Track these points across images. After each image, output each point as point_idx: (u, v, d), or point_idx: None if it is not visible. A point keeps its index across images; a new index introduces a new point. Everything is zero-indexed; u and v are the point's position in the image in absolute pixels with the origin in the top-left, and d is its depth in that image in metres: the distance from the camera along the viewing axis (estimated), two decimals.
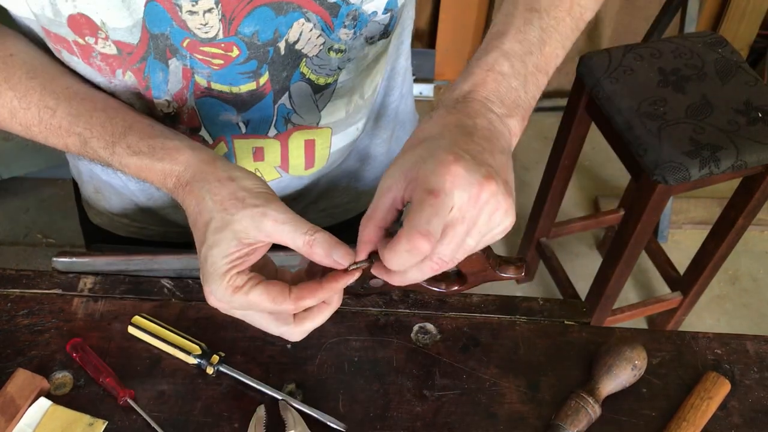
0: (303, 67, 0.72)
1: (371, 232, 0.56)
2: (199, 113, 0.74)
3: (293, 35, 0.68)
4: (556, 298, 0.84)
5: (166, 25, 0.65)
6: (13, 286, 0.80)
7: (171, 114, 0.73)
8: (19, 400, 0.69)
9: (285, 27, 0.67)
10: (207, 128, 0.76)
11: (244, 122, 0.76)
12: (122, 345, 0.76)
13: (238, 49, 0.67)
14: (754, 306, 2.09)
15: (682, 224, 2.24)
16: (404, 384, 0.75)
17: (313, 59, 0.72)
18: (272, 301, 0.58)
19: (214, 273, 0.58)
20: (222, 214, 0.58)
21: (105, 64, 0.68)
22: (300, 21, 0.67)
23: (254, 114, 0.75)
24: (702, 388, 0.75)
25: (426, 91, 2.49)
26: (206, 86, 0.71)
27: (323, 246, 0.56)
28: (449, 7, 2.39)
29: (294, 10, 0.66)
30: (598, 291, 1.73)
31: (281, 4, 0.65)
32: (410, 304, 0.81)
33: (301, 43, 0.69)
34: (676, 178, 1.37)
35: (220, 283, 0.58)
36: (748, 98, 1.48)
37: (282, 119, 0.77)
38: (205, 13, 0.63)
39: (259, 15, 0.65)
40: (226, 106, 0.74)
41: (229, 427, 0.71)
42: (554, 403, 0.74)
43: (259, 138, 0.78)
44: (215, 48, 0.67)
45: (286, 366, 0.75)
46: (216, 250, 0.57)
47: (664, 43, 1.59)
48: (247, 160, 0.81)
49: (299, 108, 0.77)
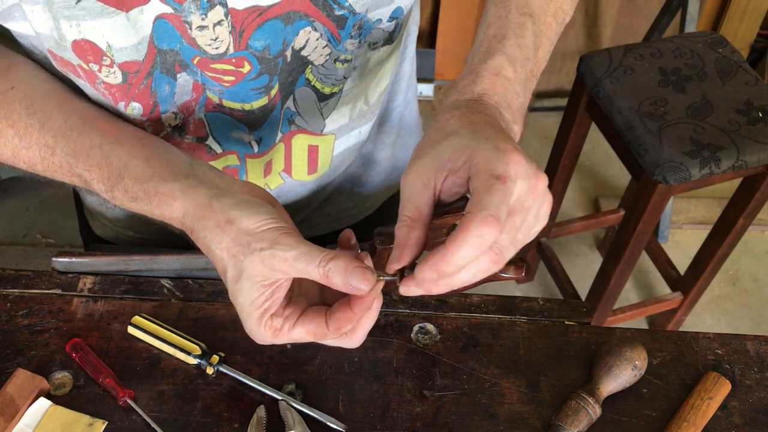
0: (308, 74, 0.72)
1: (420, 233, 0.53)
2: (208, 125, 0.74)
3: (299, 42, 0.68)
4: (557, 298, 0.84)
5: (175, 42, 0.64)
6: (12, 286, 0.80)
7: (178, 125, 0.72)
8: (19, 400, 0.68)
9: (292, 35, 0.66)
10: (216, 140, 0.76)
11: (256, 140, 0.76)
12: (122, 345, 0.76)
13: (250, 64, 0.66)
14: (755, 306, 2.09)
15: (682, 224, 2.24)
16: (404, 384, 0.75)
17: (319, 68, 0.71)
18: (313, 336, 0.57)
19: (249, 320, 0.57)
20: (233, 262, 0.56)
21: (109, 93, 0.67)
22: (307, 29, 0.66)
23: (265, 129, 0.74)
24: (702, 388, 0.75)
25: (426, 91, 2.49)
26: (218, 103, 0.71)
27: (340, 275, 0.54)
28: (449, 7, 2.39)
29: (301, 19, 0.65)
30: (599, 291, 1.72)
31: (289, 14, 0.64)
32: (410, 304, 0.81)
33: (307, 50, 0.69)
34: (677, 178, 1.37)
35: (259, 329, 0.57)
36: (748, 98, 1.48)
37: (286, 121, 0.77)
38: (215, 26, 0.62)
39: (269, 28, 0.64)
40: (238, 124, 0.73)
41: (229, 427, 0.71)
42: (554, 403, 0.74)
43: (269, 151, 0.78)
44: (226, 64, 0.66)
45: (286, 366, 0.75)
46: (242, 299, 0.56)
47: (665, 43, 1.59)
48: (258, 176, 0.81)
49: (304, 112, 0.76)
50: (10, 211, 2.14)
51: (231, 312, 0.79)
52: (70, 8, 0.58)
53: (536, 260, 2.02)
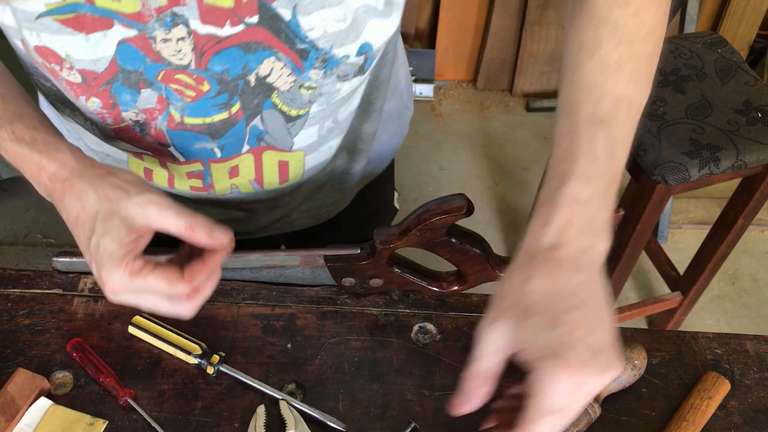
0: (275, 98, 0.73)
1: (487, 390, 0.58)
2: (169, 138, 0.75)
3: (264, 70, 0.69)
4: None
5: (140, 63, 0.65)
6: (13, 286, 0.80)
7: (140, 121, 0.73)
8: (20, 399, 0.69)
9: (255, 63, 0.68)
10: (180, 151, 0.77)
11: (219, 147, 0.77)
12: (122, 345, 0.76)
13: (209, 84, 0.68)
14: (754, 306, 2.10)
15: (682, 224, 2.24)
16: (404, 384, 0.75)
17: (285, 93, 0.73)
18: (168, 283, 0.61)
19: (110, 259, 0.60)
20: (108, 205, 0.60)
21: (70, 88, 0.68)
22: (270, 59, 0.68)
23: (228, 139, 0.76)
24: (702, 387, 0.75)
25: (426, 91, 2.49)
26: (179, 120, 0.72)
27: (204, 228, 0.61)
28: (449, 7, 2.39)
29: (264, 49, 0.67)
30: None
31: (250, 44, 0.66)
32: (410, 304, 0.82)
33: (272, 78, 0.70)
34: (676, 178, 1.37)
35: (119, 268, 0.60)
36: (747, 98, 1.48)
37: (254, 138, 0.77)
38: (178, 40, 0.64)
39: (228, 54, 0.66)
40: (200, 136, 0.74)
41: (229, 427, 0.71)
42: None
43: (234, 158, 0.79)
44: (188, 77, 0.67)
45: (286, 366, 0.75)
46: (108, 238, 0.60)
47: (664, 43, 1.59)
48: (223, 179, 0.82)
49: (272, 131, 0.77)
50: (11, 211, 2.14)
51: (231, 312, 0.79)
52: (29, 21, 0.60)
53: None
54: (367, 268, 0.78)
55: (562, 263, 0.56)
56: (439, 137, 2.44)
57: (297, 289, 0.82)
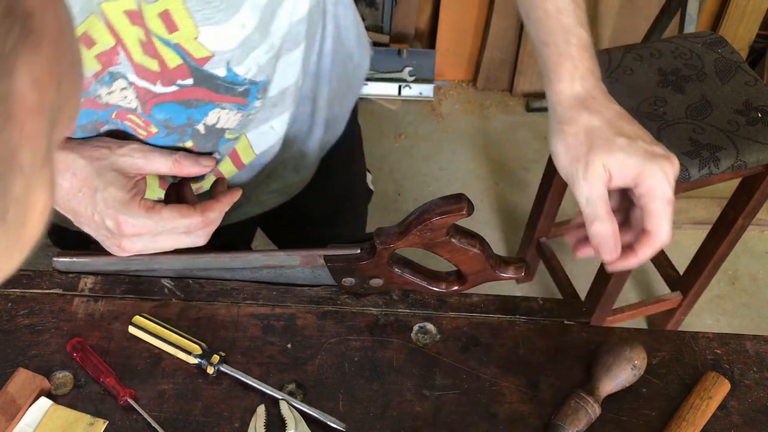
0: (227, 135, 0.74)
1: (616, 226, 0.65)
2: None
3: (211, 119, 0.70)
4: (556, 298, 0.84)
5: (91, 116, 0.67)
6: (13, 285, 0.80)
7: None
8: (20, 399, 0.69)
9: (199, 115, 0.69)
10: None
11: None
12: (122, 345, 0.76)
13: (156, 128, 0.69)
14: (754, 306, 2.09)
15: (682, 224, 2.24)
16: (404, 384, 0.75)
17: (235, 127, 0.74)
18: (183, 215, 0.64)
19: (123, 204, 0.62)
20: (97, 163, 0.63)
21: None
22: (215, 110, 0.69)
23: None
24: (702, 387, 0.75)
25: (426, 91, 2.49)
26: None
27: (189, 158, 0.66)
28: (449, 7, 2.39)
29: (206, 104, 0.67)
30: (598, 291, 1.72)
31: (190, 101, 0.66)
32: (410, 304, 0.82)
33: (221, 124, 0.71)
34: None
35: (134, 208, 0.62)
36: (747, 98, 1.48)
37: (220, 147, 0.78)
38: (122, 89, 0.65)
39: (167, 107, 0.67)
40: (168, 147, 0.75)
41: (229, 427, 0.71)
42: (554, 402, 0.74)
43: None
44: (138, 119, 0.68)
45: (286, 366, 0.75)
46: (112, 188, 0.63)
47: (664, 44, 1.59)
48: None
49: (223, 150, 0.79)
50: None
51: (231, 312, 0.79)
52: None
53: (536, 260, 2.02)
54: (367, 268, 0.78)
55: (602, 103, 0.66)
56: (439, 137, 2.44)
57: (297, 289, 0.82)
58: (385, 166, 2.34)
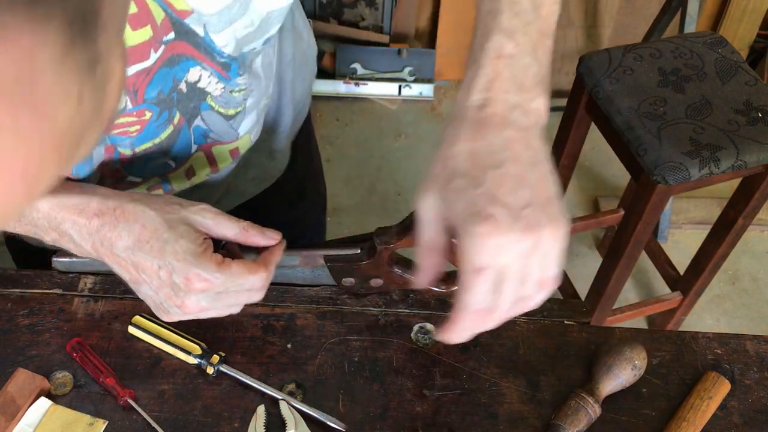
0: (210, 101, 0.73)
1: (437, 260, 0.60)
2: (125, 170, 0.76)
3: (192, 76, 0.69)
4: (556, 298, 0.84)
5: None
6: (13, 286, 0.80)
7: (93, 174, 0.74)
8: (20, 399, 0.69)
9: (181, 72, 0.68)
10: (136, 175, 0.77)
11: (172, 159, 0.77)
12: (122, 345, 0.76)
13: (150, 111, 0.69)
14: (754, 306, 2.09)
15: (682, 224, 2.24)
16: (404, 384, 0.75)
17: (218, 98, 0.73)
18: (251, 271, 0.63)
19: (195, 256, 0.61)
20: (168, 216, 0.62)
21: None
22: (196, 68, 0.68)
23: (178, 147, 0.76)
24: (702, 387, 0.75)
25: (426, 91, 2.49)
26: (131, 153, 0.73)
27: (256, 229, 0.66)
28: (449, 7, 2.39)
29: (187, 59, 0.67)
30: (598, 291, 1.73)
31: (173, 58, 0.66)
32: (410, 304, 0.81)
33: (202, 83, 0.71)
34: (676, 178, 1.37)
35: (206, 262, 0.61)
36: (748, 98, 1.48)
37: (200, 136, 0.78)
38: None
39: (158, 78, 0.66)
40: (153, 156, 0.75)
41: (229, 427, 0.71)
42: (554, 403, 0.74)
43: (186, 161, 0.79)
44: (129, 116, 0.68)
45: (286, 366, 0.75)
46: (183, 240, 0.61)
47: (664, 43, 1.59)
48: (181, 181, 0.82)
49: (215, 129, 0.78)
50: None
51: None
52: None
53: None
54: (367, 268, 0.78)
55: (489, 121, 0.54)
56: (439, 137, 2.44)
57: (297, 289, 0.82)
58: (385, 166, 2.34)
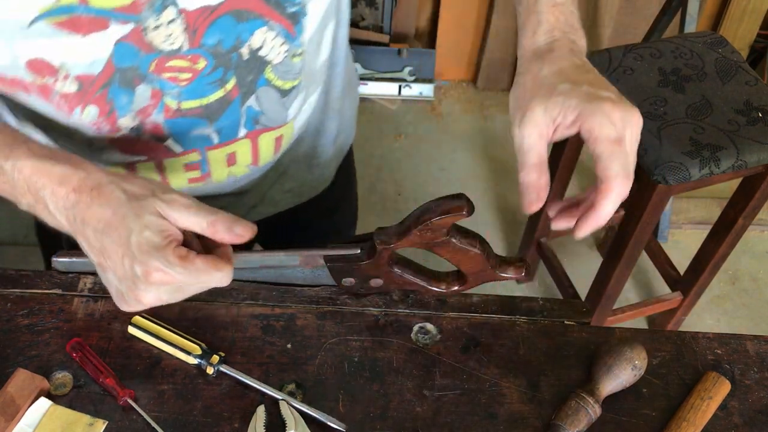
0: (268, 73, 0.73)
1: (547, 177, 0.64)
2: (167, 129, 0.75)
3: (256, 42, 0.69)
4: (557, 298, 0.84)
5: (135, 59, 0.66)
6: (13, 286, 0.80)
7: (134, 126, 0.74)
8: (19, 400, 0.69)
9: (247, 33, 0.68)
10: (178, 141, 0.77)
11: (216, 131, 0.77)
12: (122, 345, 0.76)
13: (205, 59, 0.69)
14: (754, 306, 2.09)
15: (682, 224, 2.24)
16: (404, 384, 0.75)
17: (278, 66, 0.73)
18: (217, 268, 0.61)
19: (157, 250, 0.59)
20: (137, 203, 0.60)
21: (65, 101, 0.68)
22: (263, 29, 0.68)
23: (224, 121, 0.76)
24: (702, 388, 0.75)
25: (426, 91, 2.49)
26: (176, 108, 0.72)
27: (224, 224, 0.62)
28: (449, 7, 2.39)
29: (255, 18, 0.67)
30: (598, 291, 1.73)
31: (241, 12, 0.66)
32: (410, 304, 0.81)
33: (264, 50, 0.71)
34: (676, 178, 1.37)
35: (167, 255, 0.59)
36: (748, 98, 1.48)
37: (251, 120, 0.78)
38: (168, 23, 0.64)
39: (221, 24, 0.66)
40: (197, 120, 0.75)
41: (229, 427, 0.71)
42: (554, 403, 0.74)
43: (231, 143, 0.79)
44: (182, 60, 0.68)
45: (286, 366, 0.75)
46: (148, 231, 0.60)
47: (664, 43, 1.59)
48: (221, 167, 0.82)
49: (267, 111, 0.78)
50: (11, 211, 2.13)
51: (231, 312, 0.79)
52: (22, 30, 0.60)
53: (536, 260, 2.03)
54: (367, 269, 0.78)
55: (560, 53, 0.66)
56: (439, 137, 2.44)
57: (297, 289, 0.82)
58: (385, 166, 2.34)
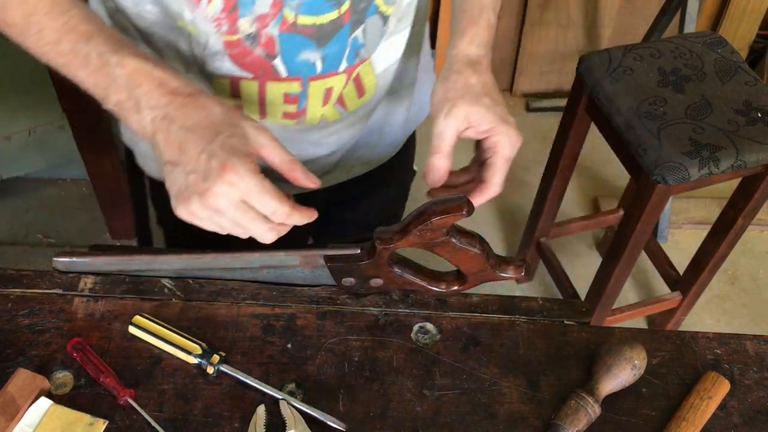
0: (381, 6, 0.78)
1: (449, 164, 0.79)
2: (279, 44, 0.77)
3: None
4: (556, 298, 0.84)
5: None
6: (13, 286, 0.80)
7: (251, 34, 0.75)
8: (20, 399, 0.69)
9: None
10: (285, 62, 0.79)
11: (321, 58, 0.79)
12: (122, 345, 0.76)
13: None
14: (754, 306, 2.10)
15: (681, 224, 2.24)
16: (404, 384, 0.75)
17: None
18: (278, 198, 0.65)
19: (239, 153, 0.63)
20: (231, 118, 0.66)
21: None
22: None
23: (331, 48, 0.78)
24: (702, 387, 0.75)
25: None
26: (293, 21, 0.74)
27: (301, 168, 0.68)
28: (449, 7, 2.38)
29: None
30: (598, 291, 1.73)
31: None
32: (410, 304, 0.82)
33: None
34: (676, 178, 1.37)
35: (245, 161, 0.63)
36: (747, 98, 1.48)
37: (353, 52, 0.80)
38: None
39: None
40: (307, 42, 0.76)
41: (229, 427, 0.71)
42: (554, 402, 0.74)
43: (331, 76, 0.81)
44: None
45: (286, 366, 0.75)
46: (236, 138, 0.64)
47: (664, 43, 1.59)
48: (317, 104, 0.84)
49: (369, 42, 0.82)
50: (11, 211, 2.14)
51: (231, 312, 0.79)
52: None
53: (536, 260, 2.03)
54: (367, 268, 0.78)
55: (484, 69, 0.82)
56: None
57: (297, 289, 0.82)
58: None
